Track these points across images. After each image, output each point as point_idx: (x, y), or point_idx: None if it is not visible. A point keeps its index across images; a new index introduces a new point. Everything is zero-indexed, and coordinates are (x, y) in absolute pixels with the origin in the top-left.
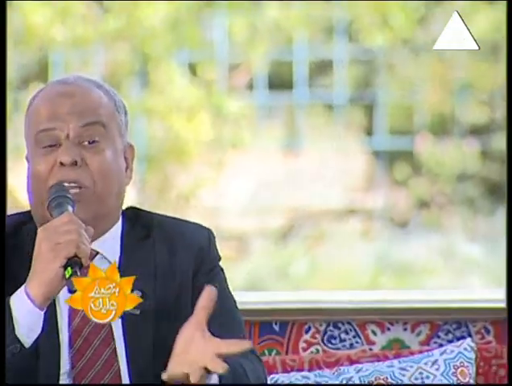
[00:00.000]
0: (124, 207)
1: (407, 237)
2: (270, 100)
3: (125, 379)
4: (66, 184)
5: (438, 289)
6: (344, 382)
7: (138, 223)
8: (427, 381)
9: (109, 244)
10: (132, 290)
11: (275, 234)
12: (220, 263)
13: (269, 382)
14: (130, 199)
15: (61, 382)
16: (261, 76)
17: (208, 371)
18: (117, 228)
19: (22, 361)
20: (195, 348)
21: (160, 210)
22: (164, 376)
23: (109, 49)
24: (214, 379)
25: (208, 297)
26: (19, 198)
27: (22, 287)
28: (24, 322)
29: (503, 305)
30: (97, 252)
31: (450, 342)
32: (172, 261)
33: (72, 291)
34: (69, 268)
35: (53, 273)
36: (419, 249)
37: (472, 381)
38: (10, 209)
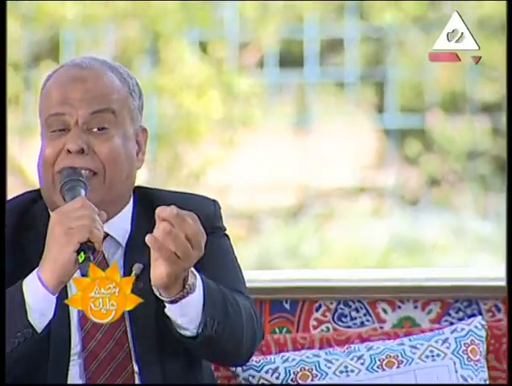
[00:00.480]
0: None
1: (418, 215)
2: (281, 78)
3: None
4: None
5: (449, 266)
6: (354, 359)
7: (147, 202)
8: (437, 359)
9: (119, 226)
10: (133, 264)
11: (286, 212)
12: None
13: (279, 359)
14: (141, 177)
15: (72, 363)
16: (271, 54)
17: None
18: (128, 210)
19: (33, 345)
20: None
21: (171, 188)
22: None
23: (119, 27)
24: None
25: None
26: (30, 177)
27: (35, 271)
28: (37, 307)
29: None
30: (107, 234)
31: (461, 320)
32: None
33: (85, 276)
34: (82, 253)
35: (66, 258)
36: (430, 227)
37: (482, 359)
38: (22, 188)
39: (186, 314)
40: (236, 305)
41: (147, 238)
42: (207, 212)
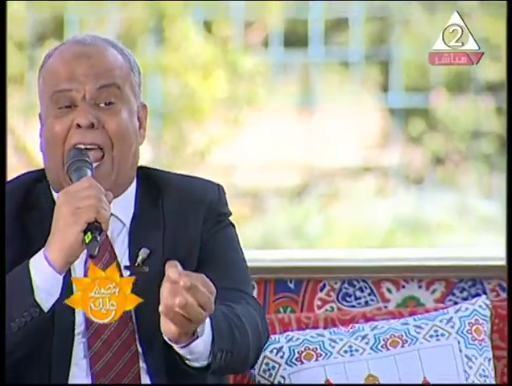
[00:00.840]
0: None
1: (422, 194)
2: (286, 57)
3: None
4: (83, 146)
5: (453, 246)
6: (359, 339)
7: (151, 183)
8: (441, 339)
9: (123, 206)
10: (140, 249)
11: (290, 192)
12: (232, 219)
13: (284, 339)
14: (146, 156)
15: (76, 342)
16: (276, 34)
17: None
18: (132, 190)
19: (39, 324)
20: None
21: (175, 167)
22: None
23: (124, 6)
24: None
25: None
26: (35, 157)
27: (41, 251)
28: (43, 287)
29: None
30: (111, 214)
31: (465, 299)
32: (181, 218)
33: (92, 256)
34: (89, 233)
35: (73, 238)
36: (434, 206)
37: (487, 338)
38: (27, 167)
39: (195, 353)
40: (242, 326)
41: (161, 308)
42: (211, 197)
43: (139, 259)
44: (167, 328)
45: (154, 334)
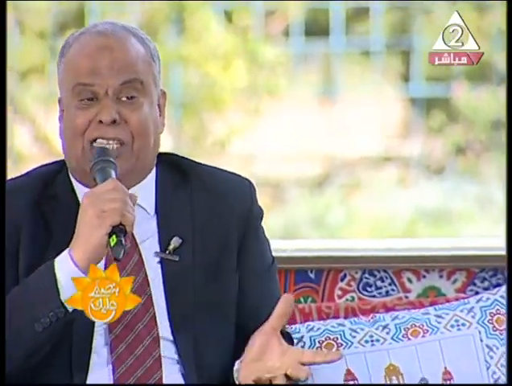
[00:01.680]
0: (162, 154)
1: (443, 184)
2: (307, 47)
3: (161, 324)
4: (105, 140)
5: (474, 236)
6: (380, 329)
7: (175, 169)
8: (462, 329)
9: (144, 193)
10: (172, 237)
11: (311, 182)
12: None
13: (304, 329)
14: (166, 146)
15: (98, 329)
16: (297, 23)
17: (288, 377)
18: (152, 176)
19: (63, 324)
20: (273, 356)
21: (195, 157)
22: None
23: None
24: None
25: (285, 305)
26: (56, 146)
27: (66, 251)
28: (68, 286)
29: None
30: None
31: (486, 289)
32: (212, 213)
33: (117, 259)
34: (114, 236)
35: (98, 240)
36: (456, 196)
37: None
38: (48, 156)
39: None
40: None
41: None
42: (245, 197)
43: (171, 247)
44: None
45: (184, 321)
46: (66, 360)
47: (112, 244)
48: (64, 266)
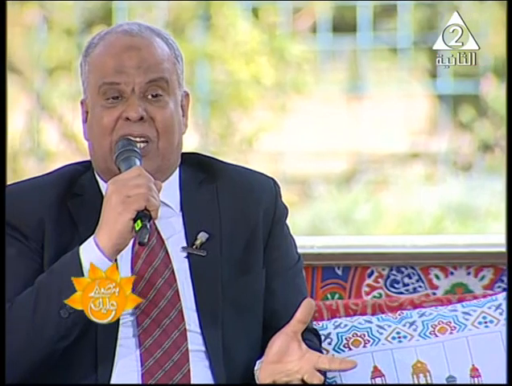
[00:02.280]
0: (184, 153)
1: (471, 181)
2: (334, 44)
3: (189, 318)
4: (132, 138)
5: (502, 232)
6: (407, 325)
7: (199, 168)
8: (490, 325)
9: (169, 191)
10: (198, 232)
11: (338, 179)
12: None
13: (331, 325)
14: (194, 143)
15: (123, 322)
16: (324, 20)
17: (303, 382)
18: (176, 175)
19: None
20: (292, 359)
21: (223, 154)
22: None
23: None
24: None
25: (305, 310)
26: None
27: (91, 238)
28: None
29: None
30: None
31: None
32: (238, 210)
33: (142, 244)
34: (139, 221)
35: (123, 226)
36: (483, 193)
37: None
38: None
39: None
40: None
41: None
42: (270, 195)
43: (198, 242)
44: None
45: (212, 315)
46: (92, 349)
47: (137, 229)
48: (89, 252)
